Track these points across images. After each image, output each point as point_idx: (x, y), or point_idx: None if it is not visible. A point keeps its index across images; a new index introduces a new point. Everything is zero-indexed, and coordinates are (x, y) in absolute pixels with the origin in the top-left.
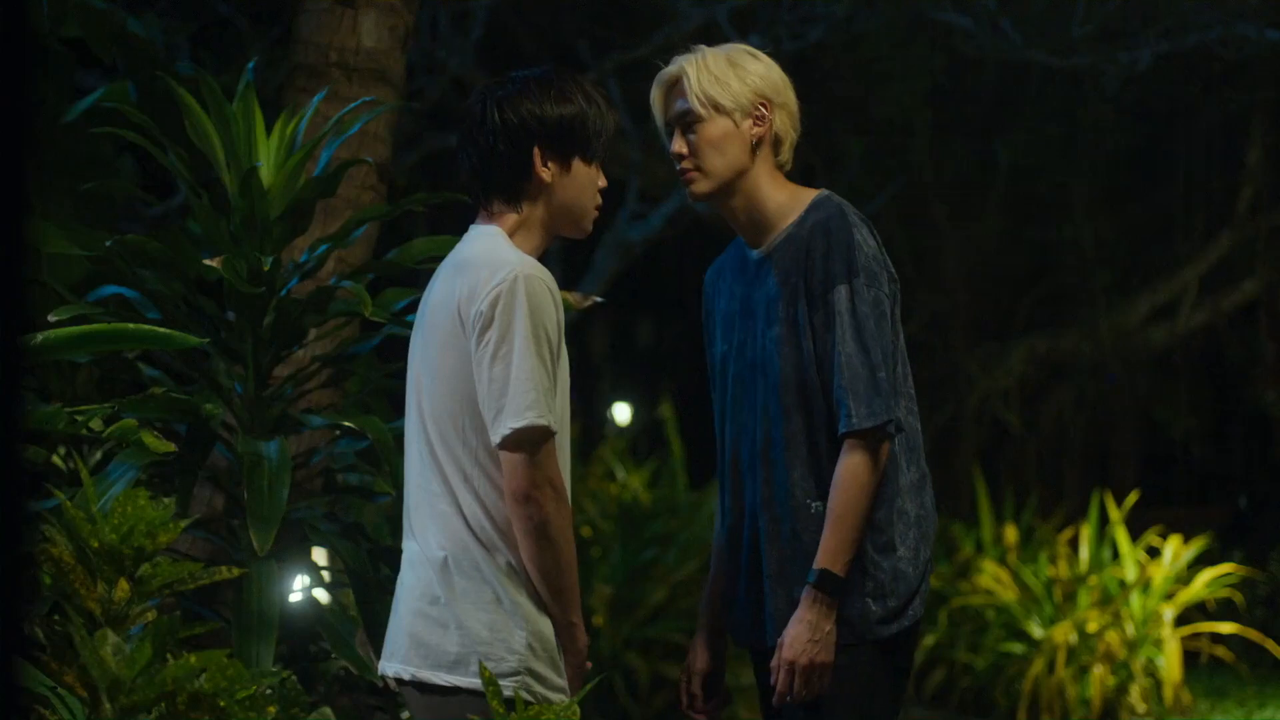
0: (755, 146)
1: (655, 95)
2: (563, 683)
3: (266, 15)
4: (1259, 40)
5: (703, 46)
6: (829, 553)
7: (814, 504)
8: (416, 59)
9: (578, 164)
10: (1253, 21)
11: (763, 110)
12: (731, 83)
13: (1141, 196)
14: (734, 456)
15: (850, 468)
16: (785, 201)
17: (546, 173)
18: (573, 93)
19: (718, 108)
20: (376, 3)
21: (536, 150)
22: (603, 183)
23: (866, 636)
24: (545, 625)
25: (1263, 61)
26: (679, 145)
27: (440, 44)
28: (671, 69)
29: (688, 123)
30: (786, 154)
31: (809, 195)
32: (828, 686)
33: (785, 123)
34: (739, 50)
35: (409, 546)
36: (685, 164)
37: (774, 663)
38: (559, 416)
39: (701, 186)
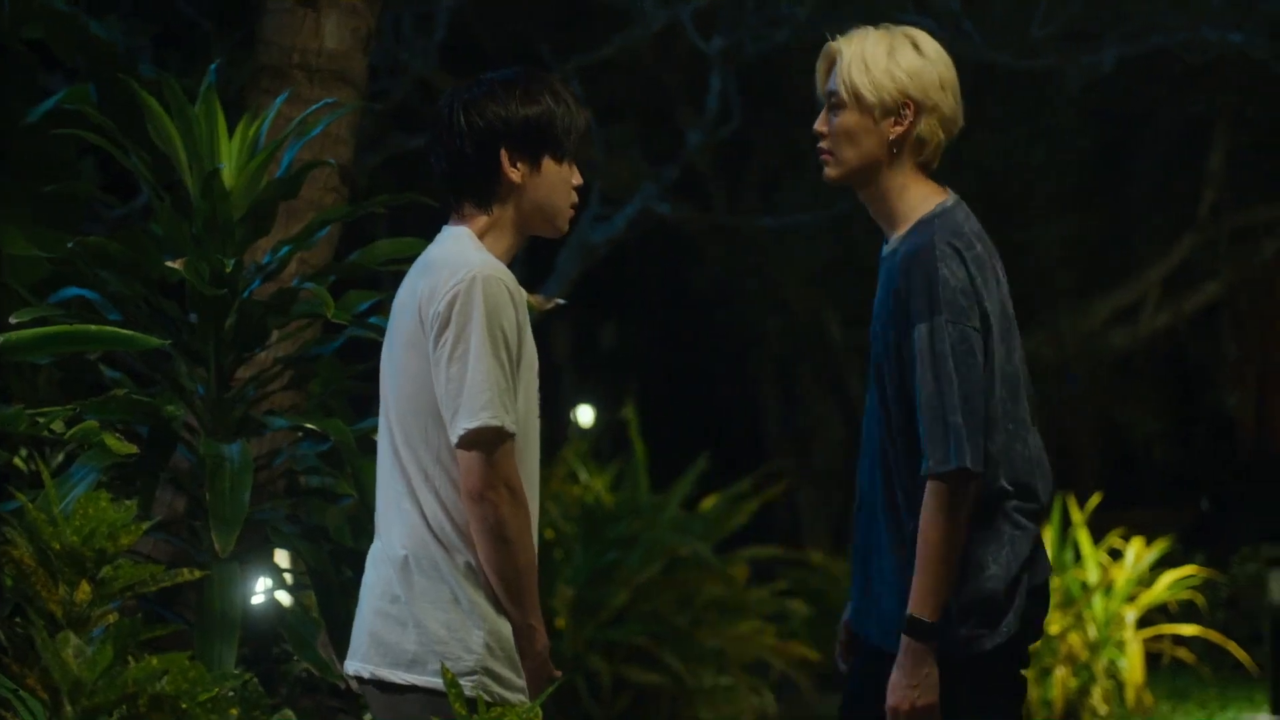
0: (894, 144)
1: (818, 66)
2: (522, 683)
3: (229, 17)
4: (1222, 43)
5: (870, 28)
6: (917, 598)
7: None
8: (379, 60)
9: (548, 163)
10: (1216, 25)
11: (906, 112)
12: (879, 75)
13: (1104, 199)
14: (862, 440)
15: (929, 512)
16: (913, 204)
17: (515, 173)
18: (539, 93)
19: (859, 99)
20: (339, 4)
21: (504, 152)
22: (577, 180)
23: (955, 654)
24: (504, 626)
25: (1226, 65)
26: (821, 123)
27: (403, 45)
28: (834, 44)
29: (833, 104)
30: (930, 154)
31: (929, 204)
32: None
33: (933, 126)
34: (904, 38)
35: (374, 545)
36: (822, 144)
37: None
38: (521, 418)
39: (831, 172)
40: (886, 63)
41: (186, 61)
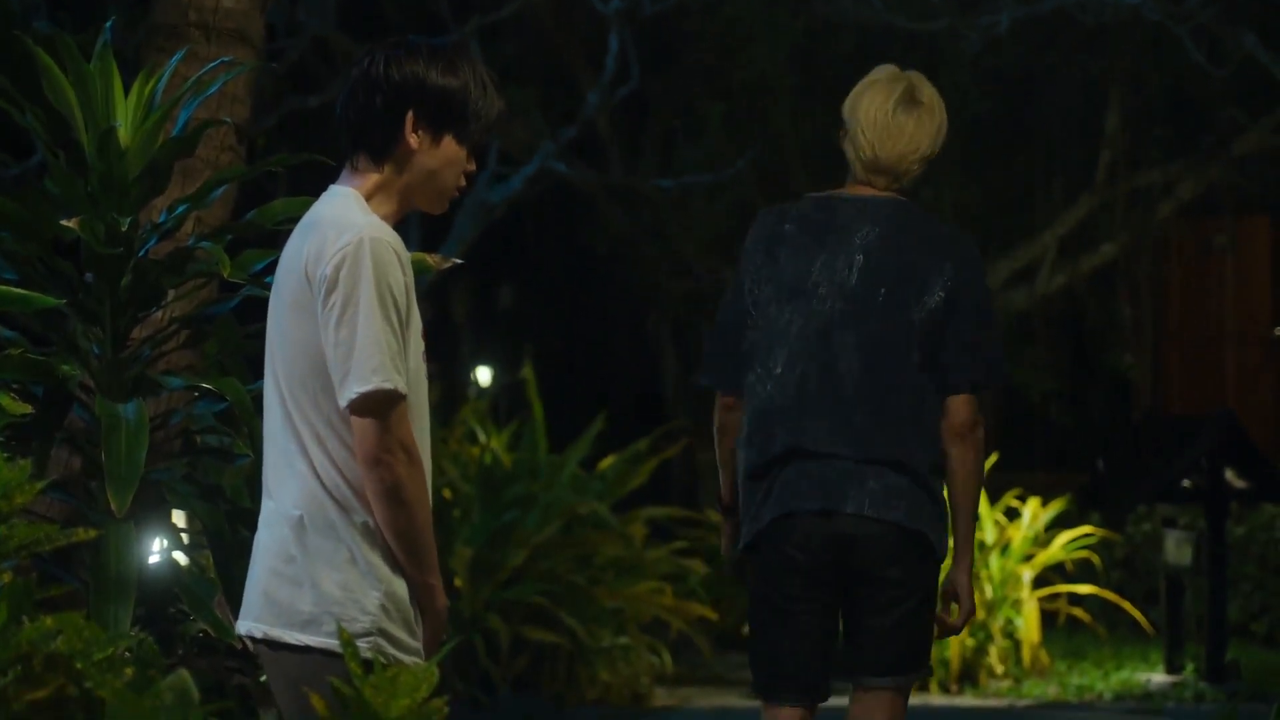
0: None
1: None
2: (417, 645)
3: None
4: (1118, 5)
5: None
6: None
7: None
8: (277, 19)
9: (448, 141)
10: None
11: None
12: None
13: (1001, 161)
14: None
15: None
16: None
17: (415, 139)
18: (463, 68)
19: None
20: None
21: (411, 114)
22: (470, 167)
23: None
24: (400, 586)
25: (1122, 27)
26: None
27: (301, 5)
28: None
29: None
30: (853, 165)
31: None
32: None
33: (848, 143)
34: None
35: (266, 505)
36: None
37: None
38: (411, 379)
39: None
40: None
41: (82, 19)
